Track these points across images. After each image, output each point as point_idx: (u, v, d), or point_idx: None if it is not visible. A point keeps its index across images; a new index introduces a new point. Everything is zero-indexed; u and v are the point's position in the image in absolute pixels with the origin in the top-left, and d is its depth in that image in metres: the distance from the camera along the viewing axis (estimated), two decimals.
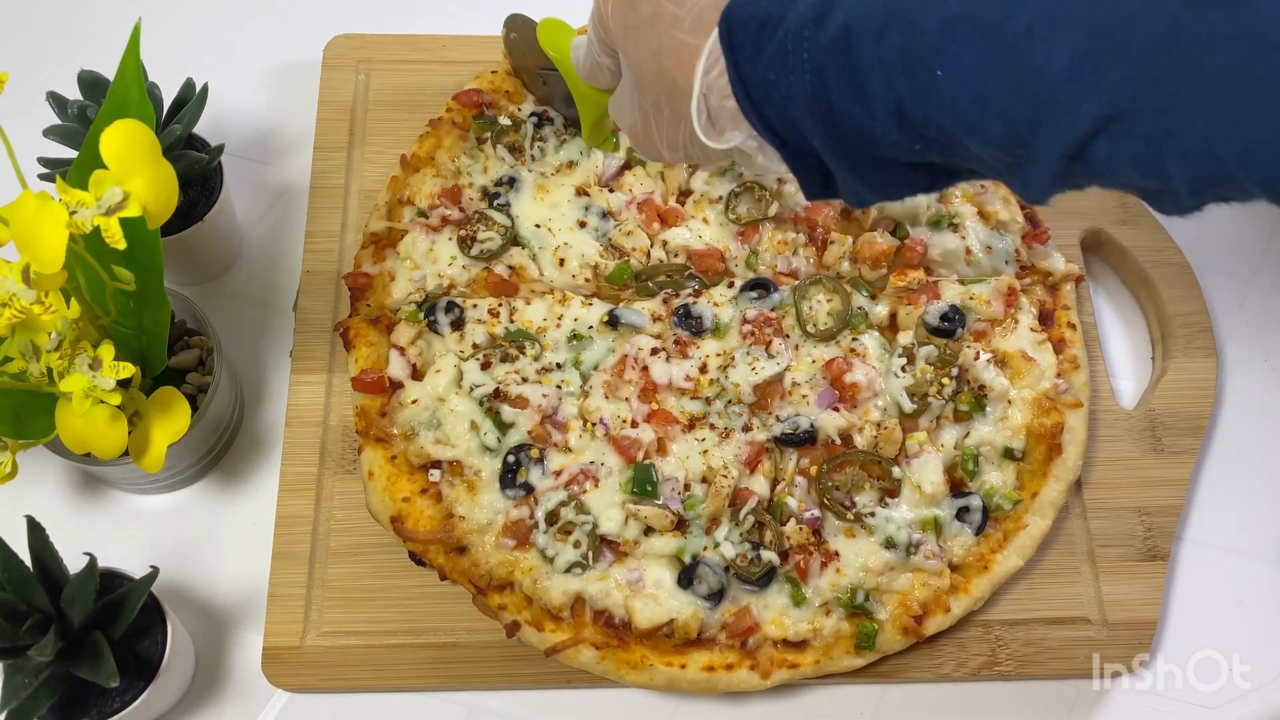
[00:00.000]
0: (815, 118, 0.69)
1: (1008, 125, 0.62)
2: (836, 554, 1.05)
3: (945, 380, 1.11)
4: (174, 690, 1.01)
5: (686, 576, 1.03)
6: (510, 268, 1.17)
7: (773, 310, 1.15)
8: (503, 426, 1.08)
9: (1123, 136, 0.59)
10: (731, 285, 1.17)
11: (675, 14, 0.76)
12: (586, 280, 1.17)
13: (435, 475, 1.08)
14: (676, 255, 1.18)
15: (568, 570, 1.02)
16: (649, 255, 1.18)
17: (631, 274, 1.17)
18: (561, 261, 1.17)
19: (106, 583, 0.94)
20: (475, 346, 1.13)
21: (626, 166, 1.23)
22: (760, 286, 1.15)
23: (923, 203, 1.21)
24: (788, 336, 1.13)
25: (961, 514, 1.07)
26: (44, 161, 1.09)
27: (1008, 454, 1.11)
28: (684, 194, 1.23)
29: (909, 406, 1.10)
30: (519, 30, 1.22)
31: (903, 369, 1.12)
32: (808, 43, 0.68)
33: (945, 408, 1.11)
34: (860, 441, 1.09)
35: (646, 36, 0.78)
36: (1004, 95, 0.61)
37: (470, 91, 1.26)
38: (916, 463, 1.08)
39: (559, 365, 1.12)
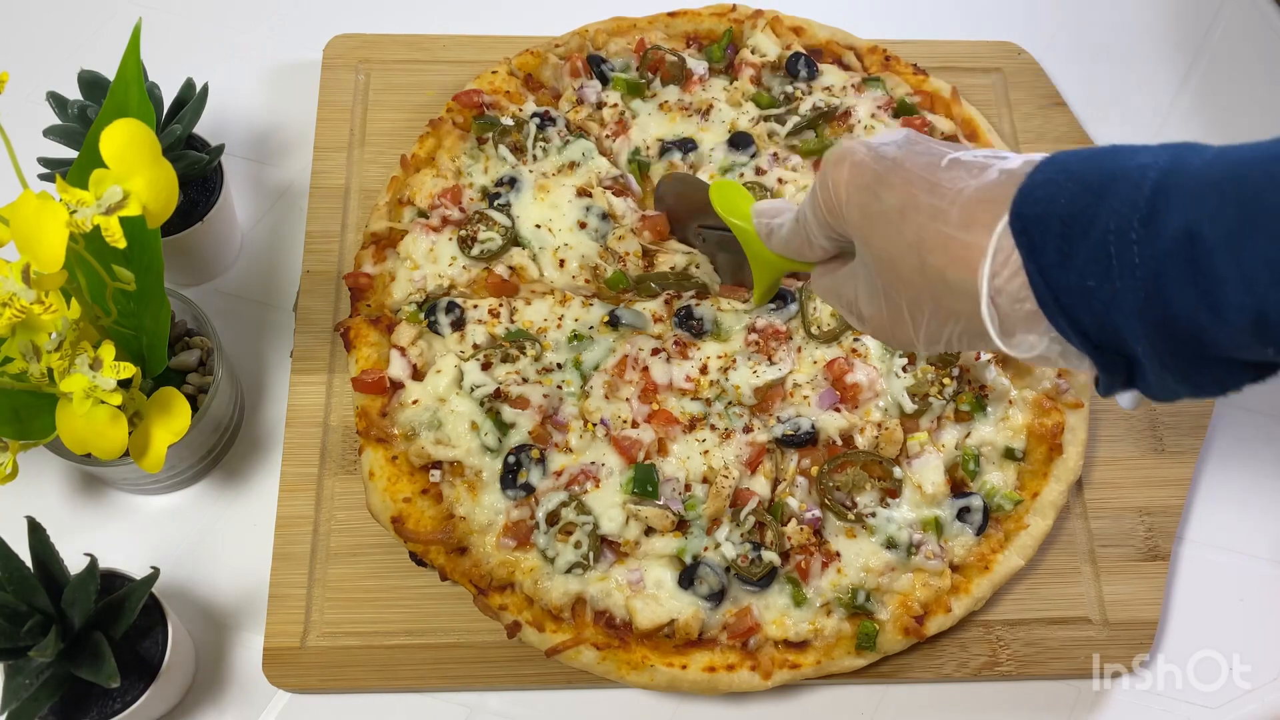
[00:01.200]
0: (1147, 324, 0.62)
1: None
2: (837, 554, 1.05)
3: (946, 380, 1.11)
4: (175, 691, 1.01)
5: (687, 577, 1.03)
6: (511, 268, 1.17)
7: (786, 323, 1.15)
8: (503, 427, 1.08)
9: None
10: (747, 300, 1.16)
11: (935, 206, 0.70)
12: (587, 281, 1.17)
13: (436, 476, 1.07)
14: (686, 268, 1.18)
15: (568, 571, 1.02)
16: (649, 261, 1.18)
17: (628, 282, 1.17)
18: (562, 262, 1.17)
19: (107, 583, 0.94)
20: (476, 347, 1.13)
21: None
22: (779, 297, 1.15)
23: None
24: (790, 339, 1.13)
25: (962, 514, 1.07)
26: (44, 161, 1.09)
27: (1009, 454, 1.11)
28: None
29: (910, 407, 1.10)
30: (675, 185, 1.17)
31: (904, 369, 1.12)
32: (1137, 246, 0.61)
33: (946, 408, 1.11)
34: (861, 442, 1.09)
35: (899, 228, 0.71)
36: None
37: (471, 92, 1.26)
38: (918, 463, 1.08)
39: (559, 365, 1.12)
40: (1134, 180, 0.62)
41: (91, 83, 1.09)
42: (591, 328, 1.14)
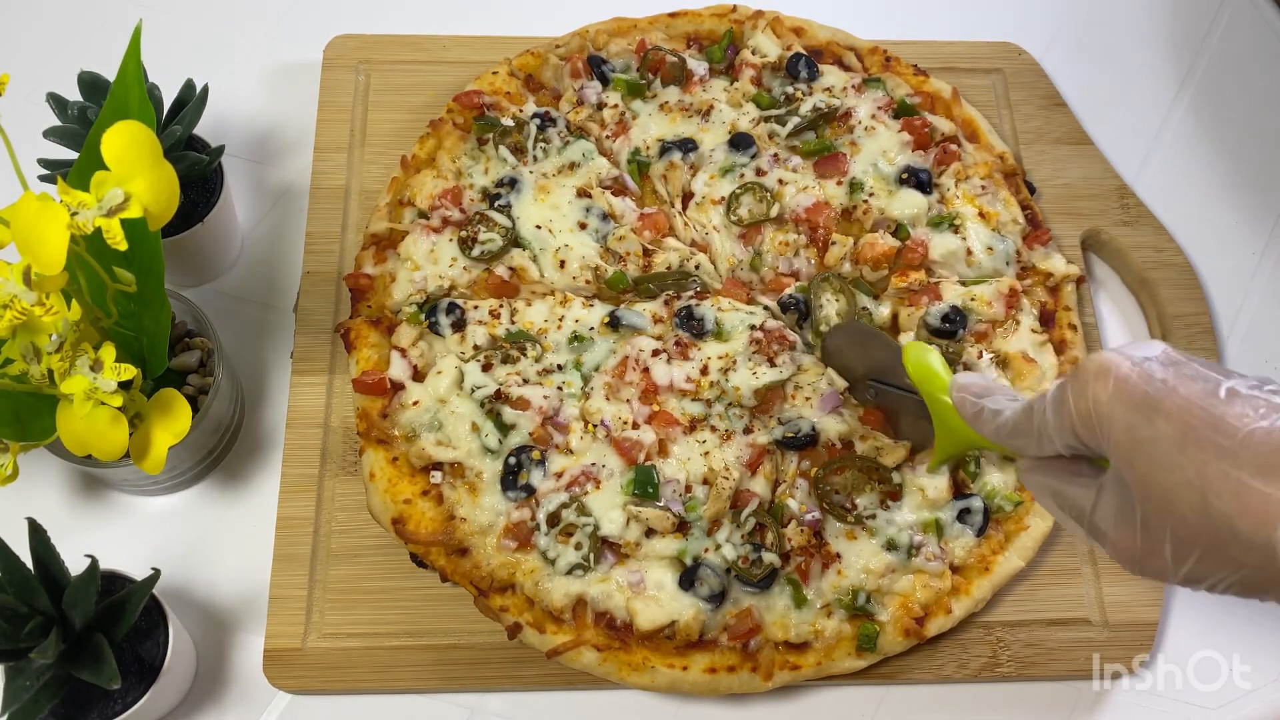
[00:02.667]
0: None
1: None
2: (838, 556, 1.05)
3: None
4: (175, 692, 1.01)
5: (688, 578, 1.03)
6: (511, 269, 1.17)
7: (799, 325, 1.15)
8: (504, 428, 1.08)
9: None
10: (767, 307, 1.16)
11: (1221, 445, 0.65)
12: (587, 282, 1.17)
13: (436, 477, 1.07)
14: (681, 265, 1.18)
15: (569, 572, 1.02)
16: (648, 261, 1.18)
17: (628, 282, 1.17)
18: (562, 263, 1.17)
19: (108, 585, 0.94)
20: (476, 348, 1.13)
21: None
22: (795, 308, 1.15)
23: (923, 204, 1.21)
24: (794, 347, 1.13)
25: (963, 515, 1.07)
26: (44, 163, 1.08)
27: (1009, 455, 1.11)
28: (686, 196, 1.23)
29: None
30: (848, 335, 1.11)
31: None
32: None
33: None
34: (860, 447, 1.09)
35: (1176, 460, 0.67)
36: None
37: (471, 93, 1.26)
38: (921, 467, 1.08)
39: (560, 367, 1.12)
40: None
41: (92, 84, 1.09)
42: (592, 329, 1.14)
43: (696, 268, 1.18)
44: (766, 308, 1.16)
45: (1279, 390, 0.67)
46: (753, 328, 1.13)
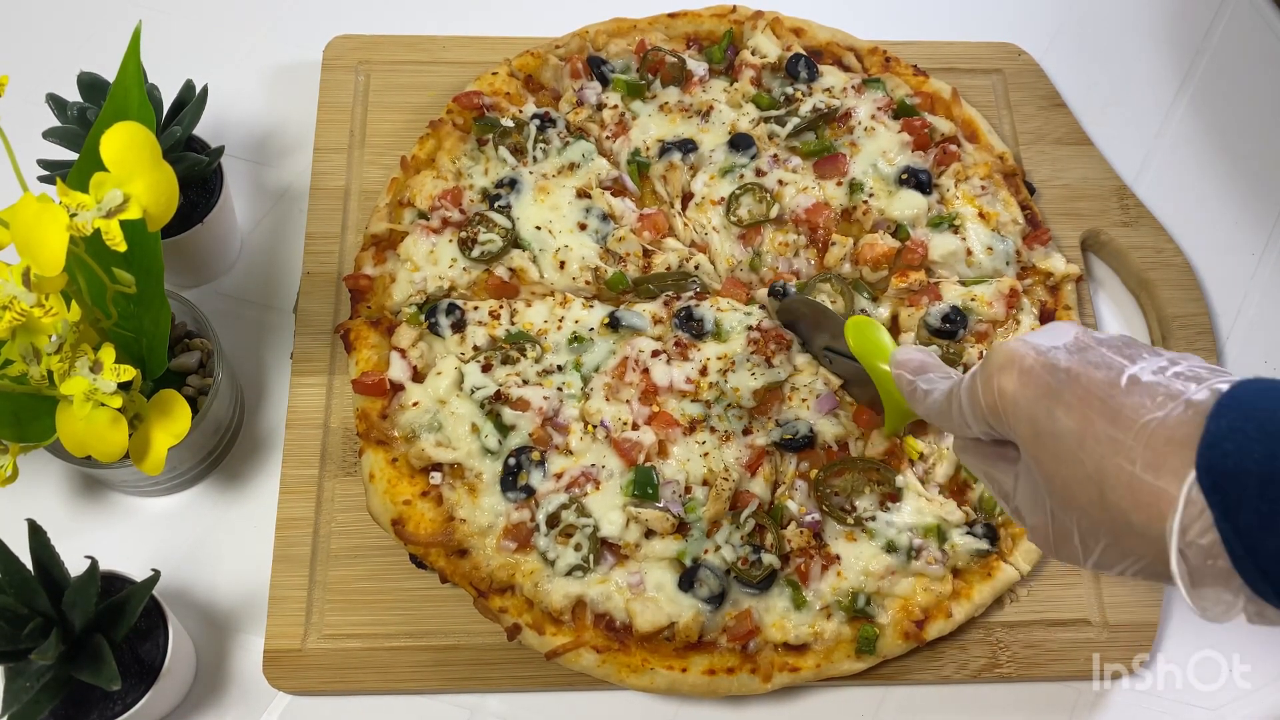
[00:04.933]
0: None
1: None
2: (837, 557, 1.05)
3: None
4: (175, 693, 1.01)
5: (687, 579, 1.03)
6: (511, 270, 1.17)
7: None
8: (504, 429, 1.08)
9: None
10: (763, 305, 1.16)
11: (1116, 439, 0.66)
12: (587, 283, 1.17)
13: (436, 478, 1.07)
14: (680, 265, 1.18)
15: (569, 573, 1.02)
16: (648, 261, 1.18)
17: (628, 283, 1.17)
18: (562, 264, 1.17)
19: (108, 586, 0.94)
20: (476, 349, 1.13)
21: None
22: (781, 295, 1.15)
23: (923, 204, 1.21)
24: (790, 347, 1.13)
25: (973, 526, 1.08)
26: (44, 164, 1.08)
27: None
28: (686, 196, 1.23)
29: None
30: (799, 307, 1.14)
31: None
32: None
33: None
34: (855, 449, 1.09)
35: (1076, 455, 0.68)
36: None
37: (471, 93, 1.26)
38: (918, 467, 1.08)
39: (560, 367, 1.12)
40: None
41: (91, 85, 1.09)
42: (591, 329, 1.14)
43: (696, 268, 1.18)
44: (763, 307, 1.16)
45: (1186, 373, 0.67)
46: (750, 328, 1.13)
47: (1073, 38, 1.46)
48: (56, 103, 1.09)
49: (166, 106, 1.12)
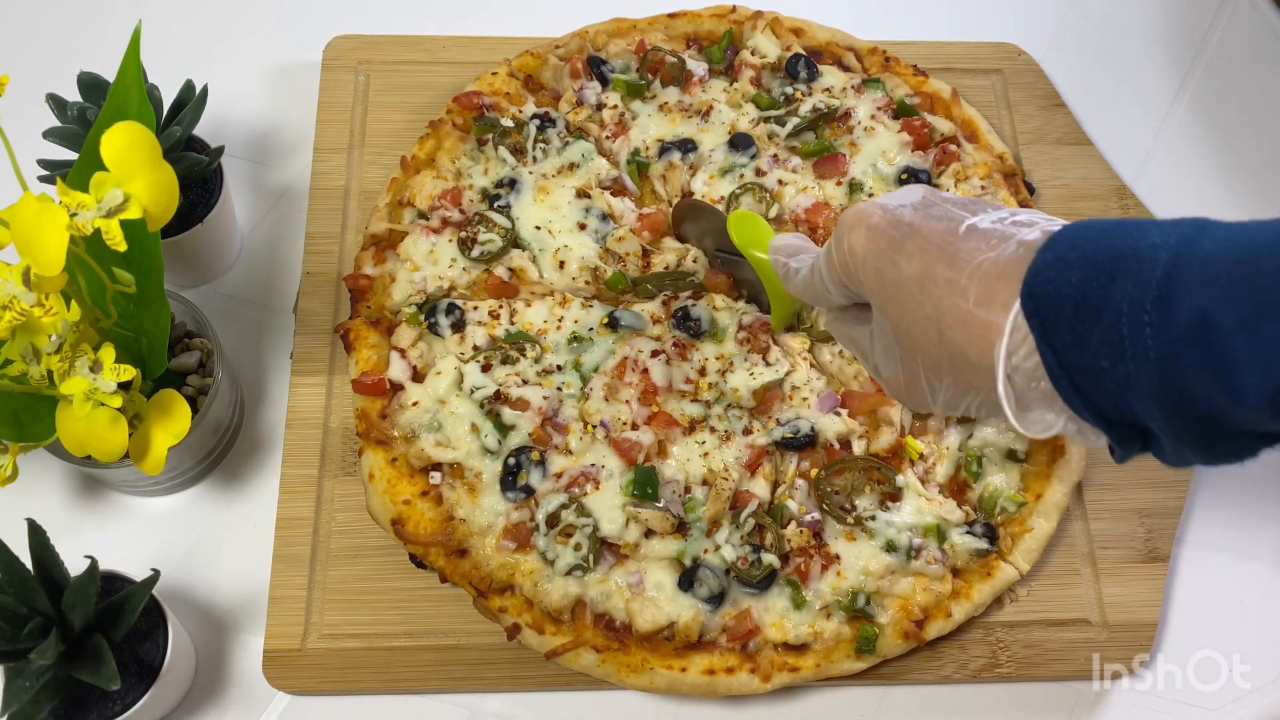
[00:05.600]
0: (1163, 405, 0.62)
1: None
2: (837, 557, 1.05)
3: None
4: (175, 693, 1.01)
5: (687, 579, 1.03)
6: (510, 270, 1.17)
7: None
8: (503, 429, 1.08)
9: None
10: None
11: (953, 280, 0.69)
12: (586, 283, 1.17)
13: (436, 478, 1.08)
14: (679, 264, 1.18)
15: (568, 573, 1.02)
16: (647, 261, 1.18)
17: (627, 283, 1.17)
18: (562, 264, 1.17)
19: (107, 585, 0.94)
20: (476, 349, 1.13)
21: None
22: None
23: None
24: (776, 343, 1.13)
25: (972, 526, 1.07)
26: (44, 164, 1.08)
27: (1011, 455, 1.11)
28: (686, 195, 1.23)
29: None
30: (691, 211, 1.17)
31: None
32: (1151, 329, 0.61)
33: None
34: (858, 447, 1.09)
35: (917, 299, 0.71)
36: None
37: (471, 93, 1.26)
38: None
39: (559, 367, 1.12)
40: (1145, 261, 0.62)
41: (91, 84, 1.09)
42: (591, 329, 1.14)
43: (694, 260, 1.18)
44: (750, 301, 1.16)
45: (1024, 220, 0.70)
46: (741, 327, 1.13)
47: (1073, 38, 1.46)
48: (56, 103, 1.09)
49: (166, 106, 1.12)
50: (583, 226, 1.19)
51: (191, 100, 1.11)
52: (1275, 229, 0.60)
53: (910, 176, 1.22)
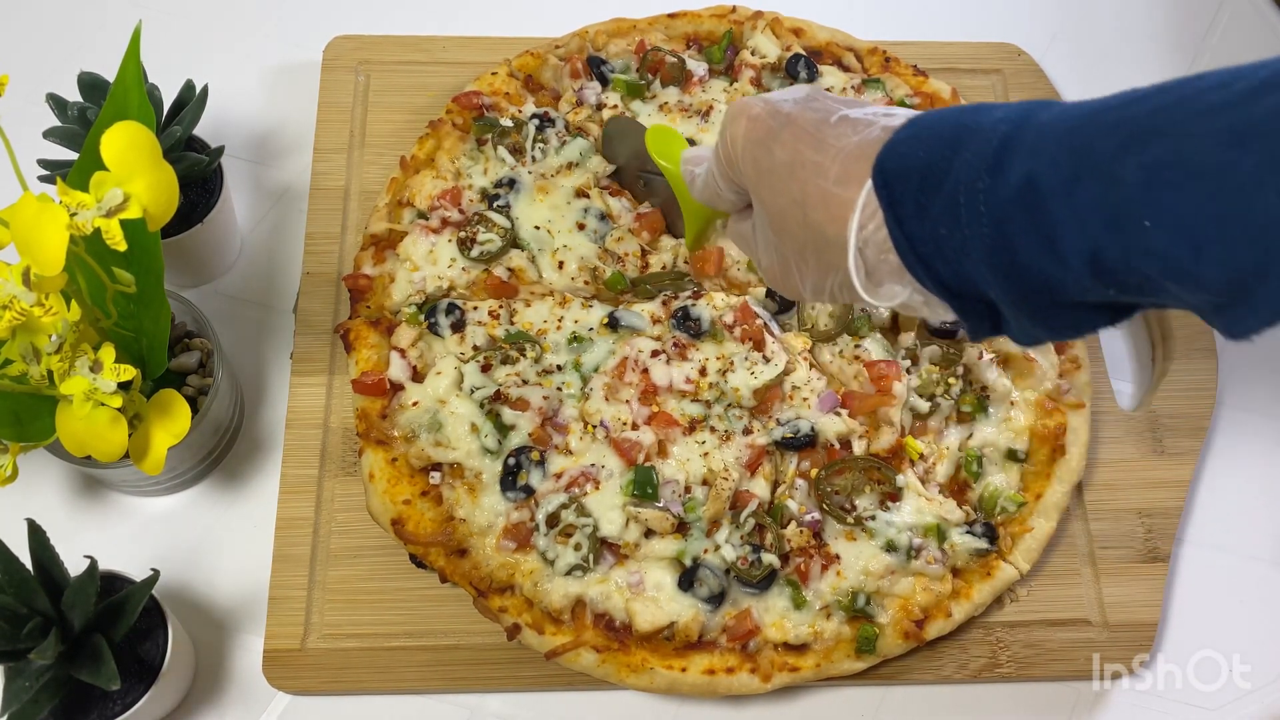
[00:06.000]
0: (996, 271, 0.65)
1: (1229, 272, 0.58)
2: (837, 557, 1.05)
3: (952, 380, 1.11)
4: (175, 693, 1.01)
5: (687, 579, 1.03)
6: (510, 270, 1.17)
7: (784, 314, 1.15)
8: (503, 429, 1.08)
9: None
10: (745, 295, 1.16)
11: (818, 162, 0.72)
12: (586, 283, 1.17)
13: (436, 478, 1.07)
14: (675, 263, 1.18)
15: (568, 573, 1.02)
16: (645, 261, 1.18)
17: (626, 283, 1.17)
18: (561, 264, 1.17)
19: (107, 585, 0.94)
20: (476, 349, 1.13)
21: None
22: (778, 296, 1.16)
23: None
24: (773, 335, 1.13)
25: (972, 526, 1.07)
26: (44, 163, 1.08)
27: (1011, 455, 1.11)
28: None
29: (924, 406, 1.10)
30: (620, 129, 1.20)
31: (907, 371, 1.12)
32: (984, 195, 0.64)
33: (950, 409, 1.11)
34: (858, 447, 1.09)
35: (786, 184, 0.74)
36: (1226, 244, 0.57)
37: (470, 93, 1.26)
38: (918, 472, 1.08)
39: (559, 367, 1.12)
40: (986, 134, 0.65)
41: (91, 84, 1.09)
42: (591, 329, 1.14)
43: (685, 261, 1.18)
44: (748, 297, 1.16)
45: (896, 112, 0.72)
46: (727, 326, 1.12)
47: (1073, 38, 1.46)
48: (56, 103, 1.09)
49: (167, 106, 1.12)
50: (581, 226, 1.19)
51: (191, 100, 1.11)
52: (1103, 101, 0.64)
53: None
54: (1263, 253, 0.57)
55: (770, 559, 1.03)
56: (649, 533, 1.04)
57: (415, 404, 1.09)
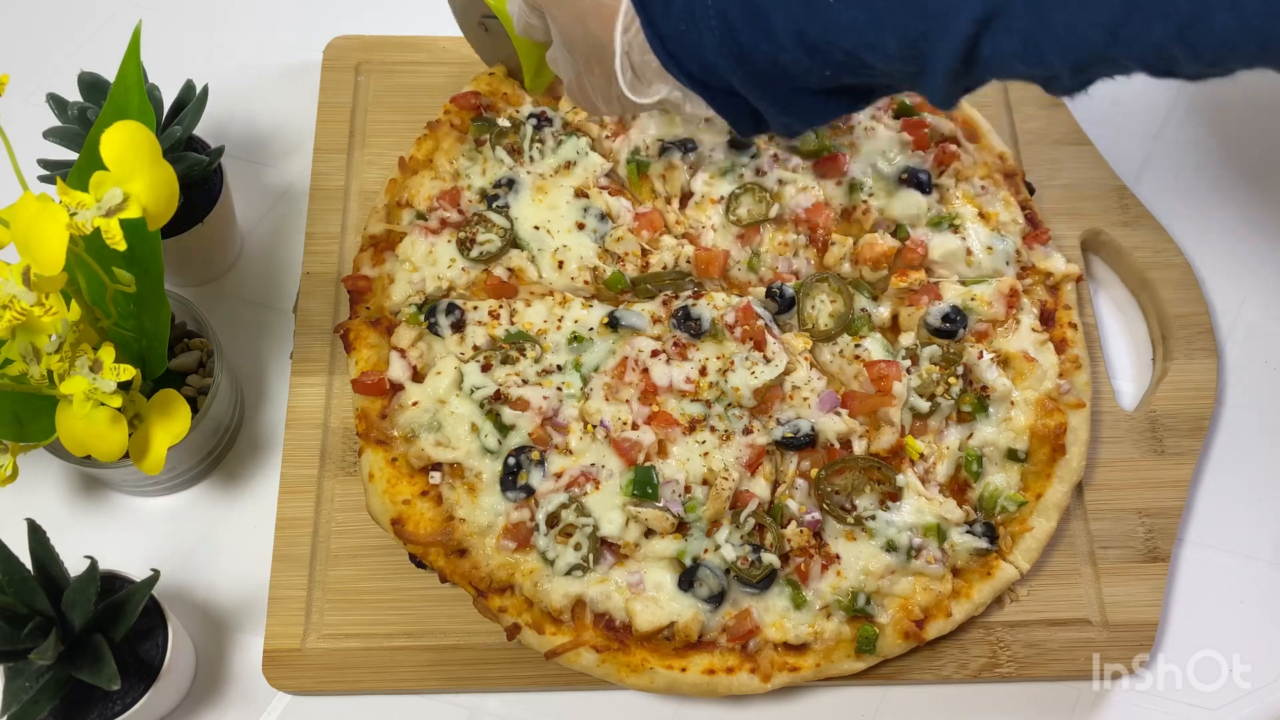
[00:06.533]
0: (729, 59, 0.76)
1: (902, 39, 0.69)
2: (837, 557, 1.05)
3: (952, 380, 1.11)
4: (175, 693, 1.01)
5: (687, 579, 1.03)
6: (509, 270, 1.17)
7: (785, 314, 1.15)
8: (503, 429, 1.08)
9: (1003, 34, 0.68)
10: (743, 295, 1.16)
11: None
12: (585, 283, 1.17)
13: (436, 477, 1.07)
14: (676, 263, 1.18)
15: (568, 573, 1.02)
16: (646, 261, 1.18)
17: (626, 282, 1.17)
18: (560, 264, 1.17)
19: (107, 585, 0.94)
20: (476, 349, 1.13)
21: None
22: (778, 298, 1.16)
23: (923, 204, 1.21)
24: (760, 318, 1.13)
25: (972, 526, 1.07)
26: (44, 163, 1.09)
27: (1011, 455, 1.11)
28: (685, 196, 1.23)
29: (924, 406, 1.10)
30: None
31: (907, 370, 1.12)
32: None
33: (950, 408, 1.11)
34: (858, 447, 1.09)
35: (568, 1, 0.84)
36: (894, 12, 0.69)
37: (468, 94, 1.26)
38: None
39: (559, 367, 1.12)
40: None
41: (91, 84, 1.09)
42: (591, 329, 1.14)
43: (688, 261, 1.18)
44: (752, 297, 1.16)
45: None
46: (728, 326, 1.12)
47: None
48: (56, 103, 1.09)
49: (167, 106, 1.12)
50: (581, 226, 1.19)
51: (191, 100, 1.12)
52: None
53: (910, 176, 1.22)
54: (920, 16, 0.68)
55: (770, 559, 1.03)
56: (649, 532, 1.04)
57: (415, 404, 1.09)
